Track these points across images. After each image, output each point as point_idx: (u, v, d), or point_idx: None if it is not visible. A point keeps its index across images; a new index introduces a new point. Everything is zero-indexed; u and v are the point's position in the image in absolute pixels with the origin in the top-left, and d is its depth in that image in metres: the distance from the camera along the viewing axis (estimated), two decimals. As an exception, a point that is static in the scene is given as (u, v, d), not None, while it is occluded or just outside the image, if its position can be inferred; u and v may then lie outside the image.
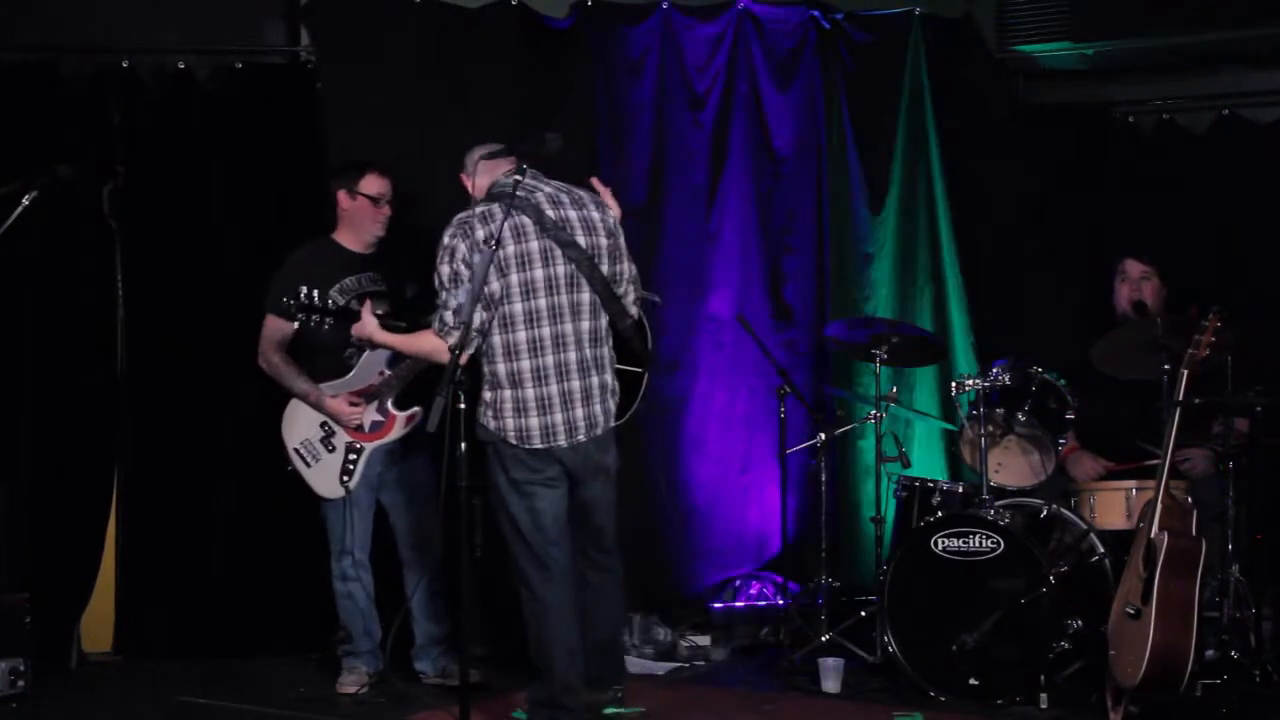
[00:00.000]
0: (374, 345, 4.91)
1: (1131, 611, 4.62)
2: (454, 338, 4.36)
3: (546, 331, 4.43)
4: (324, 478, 5.30)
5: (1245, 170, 6.64)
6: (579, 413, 4.47)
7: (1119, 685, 4.67)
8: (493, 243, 4.34)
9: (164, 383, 6.13)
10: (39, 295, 6.04)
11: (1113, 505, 5.37)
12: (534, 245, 4.44)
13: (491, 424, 4.44)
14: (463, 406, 4.11)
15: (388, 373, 5.28)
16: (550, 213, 4.46)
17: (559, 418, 4.44)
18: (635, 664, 5.83)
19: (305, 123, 6.16)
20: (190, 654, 5.98)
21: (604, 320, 4.55)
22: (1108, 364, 5.37)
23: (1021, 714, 5.01)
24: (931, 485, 5.72)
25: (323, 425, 5.31)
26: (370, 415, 5.29)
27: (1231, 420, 5.11)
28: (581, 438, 4.48)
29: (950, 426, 6.31)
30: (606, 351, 4.57)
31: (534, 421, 4.43)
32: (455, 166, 4.82)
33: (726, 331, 6.55)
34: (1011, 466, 5.65)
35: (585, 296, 4.49)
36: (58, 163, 4.85)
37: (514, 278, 4.41)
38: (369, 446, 5.30)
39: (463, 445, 4.09)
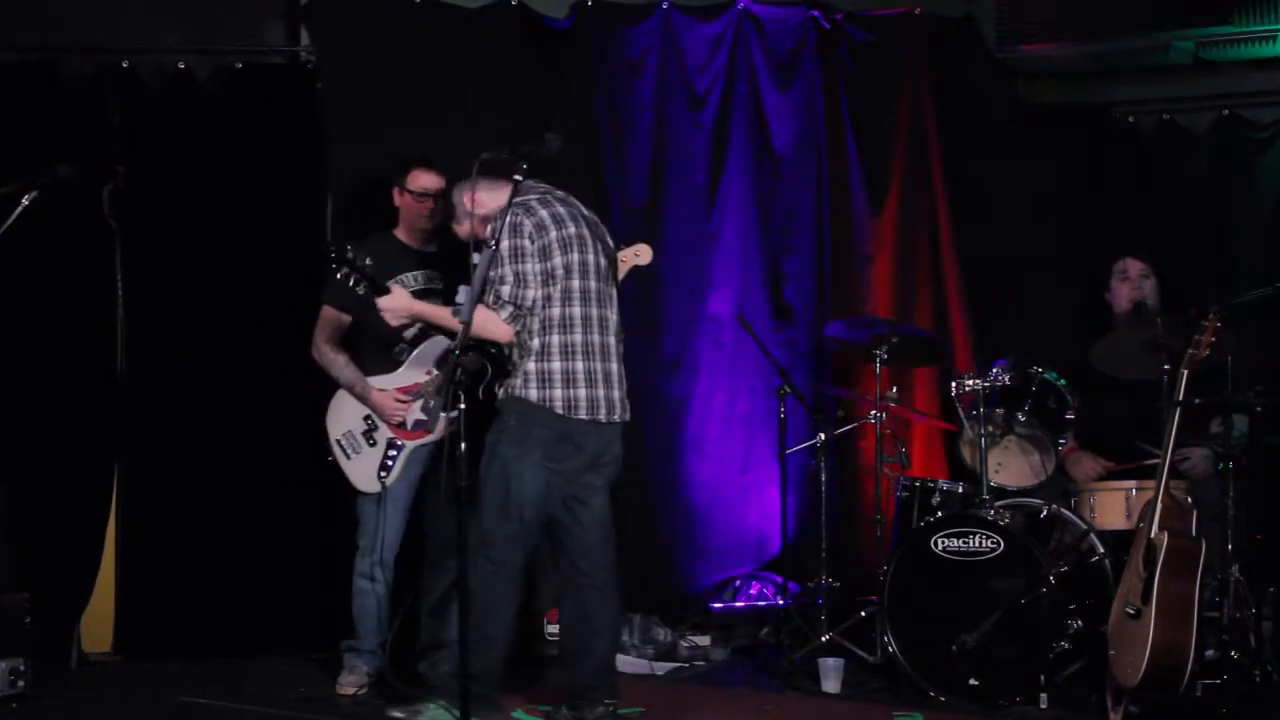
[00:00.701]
0: (409, 318, 4.90)
1: (1131, 611, 4.62)
2: (507, 312, 4.52)
3: (595, 312, 4.64)
4: (362, 471, 5.29)
5: (1245, 170, 6.64)
6: (616, 394, 4.67)
7: (1119, 685, 4.67)
8: (491, 243, 4.37)
9: (164, 383, 6.14)
10: (39, 295, 6.04)
11: (1113, 505, 5.37)
12: (586, 231, 4.68)
13: (535, 394, 4.53)
14: (463, 407, 4.10)
15: (435, 372, 5.25)
16: (586, 211, 4.75)
17: (601, 394, 4.61)
18: (635, 664, 5.83)
19: (305, 123, 6.17)
20: (190, 654, 5.98)
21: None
22: (1108, 364, 5.36)
23: (1021, 714, 5.01)
24: (931, 485, 5.72)
25: (366, 419, 5.30)
26: (414, 414, 5.27)
27: (1231, 420, 5.10)
28: (617, 418, 4.67)
29: (951, 426, 6.31)
30: (622, 347, 4.79)
31: (582, 393, 4.56)
32: (455, 167, 4.82)
33: (726, 331, 6.55)
34: (1011, 467, 5.65)
35: (614, 292, 4.77)
36: (58, 163, 4.85)
37: (575, 256, 4.61)
38: (410, 444, 5.28)
39: (462, 445, 4.08)
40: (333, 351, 5.33)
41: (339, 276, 4.98)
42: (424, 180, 5.39)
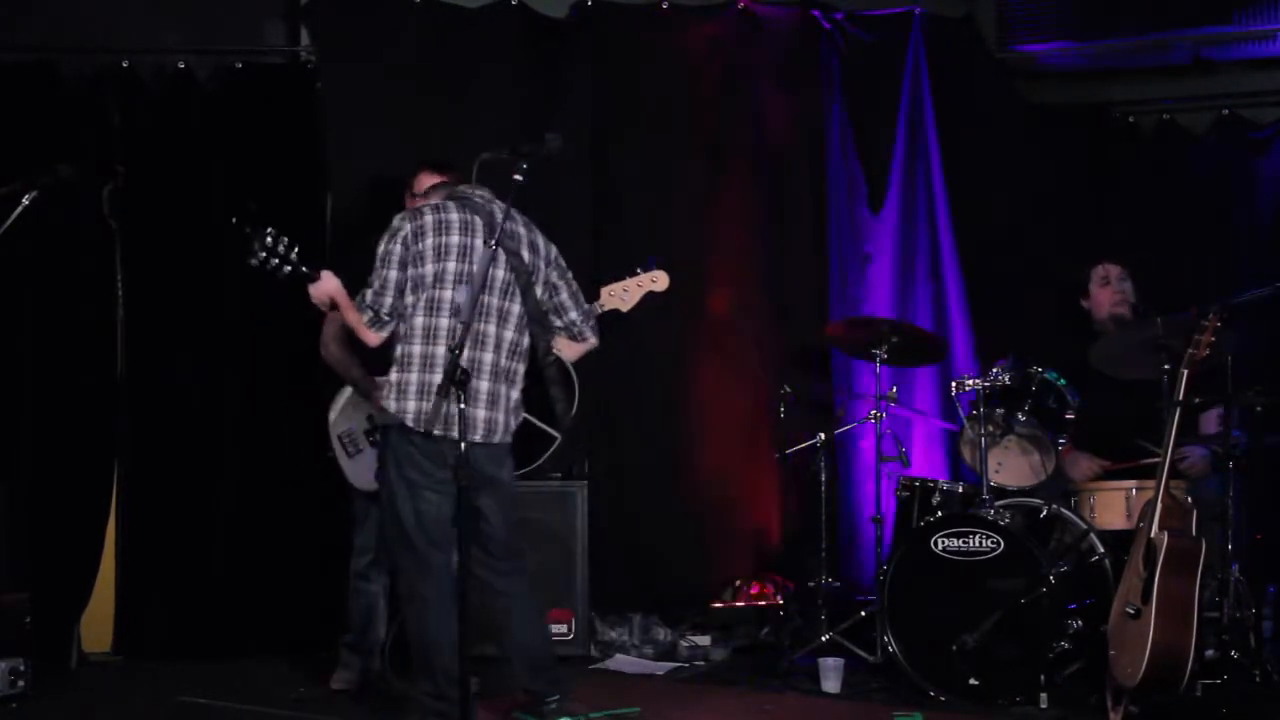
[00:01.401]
0: (333, 307, 4.68)
1: (1131, 611, 4.62)
2: (367, 316, 4.43)
3: (475, 326, 4.42)
4: (361, 470, 5.31)
5: (1245, 170, 6.64)
6: (480, 413, 4.44)
7: (1119, 685, 4.67)
8: (491, 242, 4.35)
9: (164, 383, 6.14)
10: (39, 295, 6.05)
11: (1113, 505, 5.36)
12: (479, 242, 4.46)
13: (393, 405, 4.39)
14: (462, 407, 4.10)
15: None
16: (501, 221, 4.43)
17: (482, 413, 4.44)
18: (635, 664, 5.83)
19: (305, 123, 6.17)
20: (190, 654, 5.98)
21: (526, 340, 4.55)
22: (1107, 364, 5.36)
23: (1021, 714, 5.00)
24: (931, 485, 5.72)
25: (369, 419, 5.31)
26: None
27: (1231, 420, 5.10)
28: (478, 438, 4.42)
29: (951, 426, 6.31)
30: (522, 369, 4.56)
31: (433, 407, 4.34)
32: (454, 166, 4.82)
33: (726, 331, 6.54)
34: (1011, 466, 5.65)
35: (515, 308, 4.51)
36: (58, 163, 4.85)
37: (451, 265, 4.42)
38: None
39: (463, 445, 4.08)
40: (341, 352, 5.30)
41: (267, 268, 4.62)
42: (428, 180, 5.38)
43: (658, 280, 5.17)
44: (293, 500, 6.00)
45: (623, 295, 5.16)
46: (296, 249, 4.63)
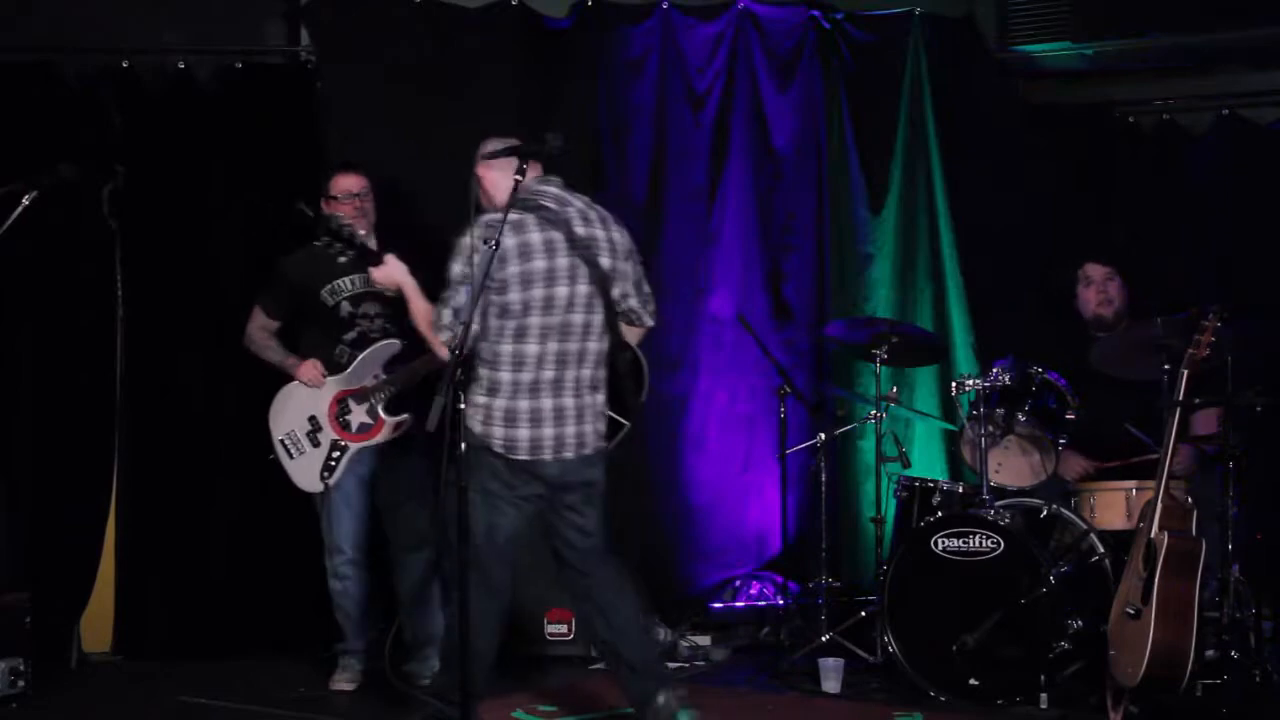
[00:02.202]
0: (394, 289, 4.68)
1: (1131, 612, 4.62)
2: (445, 335, 4.33)
3: (554, 347, 4.37)
4: (305, 471, 5.33)
5: (1245, 170, 6.65)
6: (569, 429, 4.41)
7: (1119, 685, 4.67)
8: (493, 245, 4.32)
9: (164, 382, 6.14)
10: (39, 295, 6.04)
11: (1113, 505, 5.37)
12: (562, 262, 4.36)
13: (479, 428, 4.36)
14: (463, 406, 4.10)
15: (383, 376, 5.30)
16: (580, 230, 4.39)
17: (548, 432, 4.38)
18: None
19: (305, 123, 6.17)
20: (190, 654, 5.98)
21: (607, 342, 4.49)
22: (1107, 364, 5.36)
23: (1021, 714, 5.01)
24: (932, 485, 5.72)
25: (310, 419, 5.33)
26: (359, 416, 5.31)
27: (1231, 420, 5.10)
28: (569, 455, 4.41)
29: (950, 426, 6.31)
30: (604, 373, 4.51)
31: (522, 433, 4.35)
32: (455, 166, 4.81)
33: (727, 331, 6.55)
34: (1011, 466, 5.65)
35: (597, 318, 4.43)
36: (58, 163, 4.85)
37: (537, 292, 4.33)
38: (354, 446, 5.31)
39: (463, 445, 4.08)
40: (263, 338, 5.45)
41: (330, 250, 4.80)
42: (345, 183, 5.42)
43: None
44: (293, 500, 5.99)
45: None
46: (361, 231, 4.68)
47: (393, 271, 4.61)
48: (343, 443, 5.30)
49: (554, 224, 4.37)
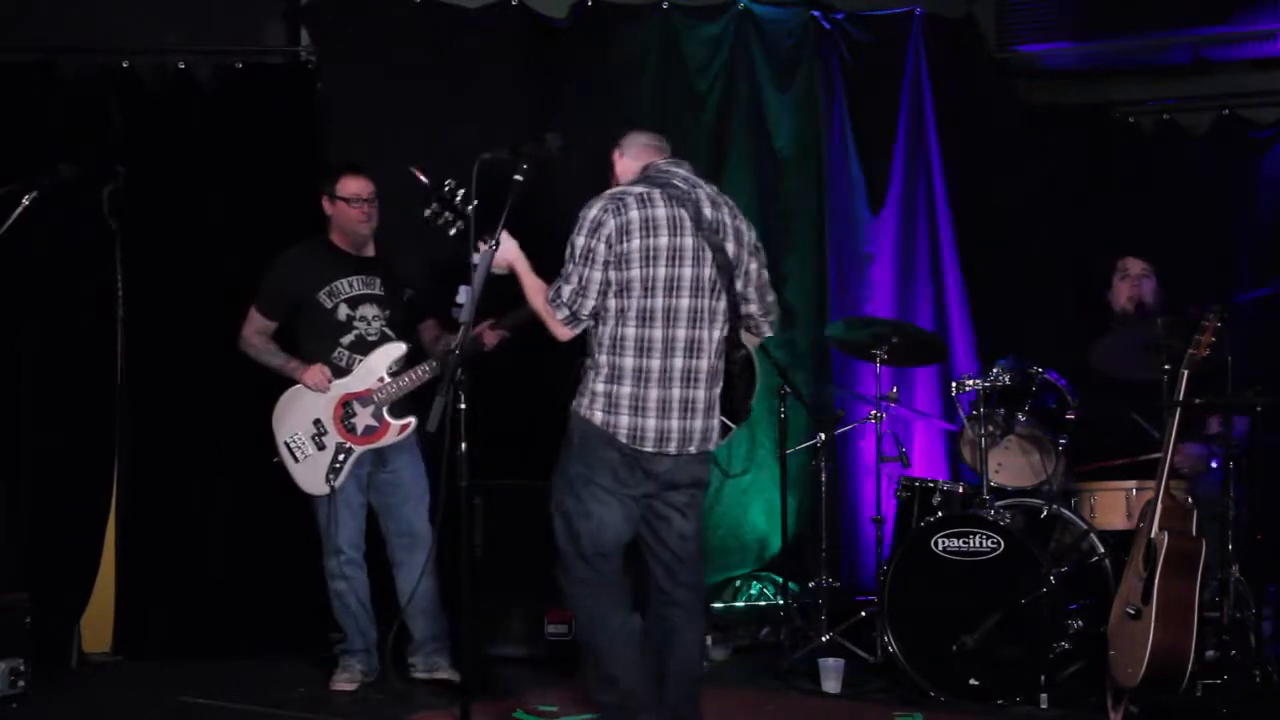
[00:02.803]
0: (505, 269, 4.39)
1: (1132, 612, 4.62)
2: (564, 313, 4.14)
3: (682, 334, 4.14)
4: (310, 474, 5.32)
5: (1245, 170, 6.65)
6: (698, 423, 4.19)
7: (1119, 685, 4.67)
8: (493, 243, 4.29)
9: (164, 382, 6.14)
10: (39, 295, 6.04)
11: (1113, 505, 5.37)
12: (689, 241, 4.12)
13: (599, 417, 4.12)
14: (463, 407, 4.10)
15: (387, 380, 5.30)
16: (708, 212, 4.18)
17: (674, 424, 4.15)
18: (635, 664, 5.82)
19: (305, 123, 6.17)
20: (190, 654, 5.97)
21: (724, 334, 4.25)
22: (1107, 364, 5.36)
23: (1021, 714, 5.01)
24: (932, 485, 5.72)
25: (315, 423, 5.32)
26: (365, 419, 5.30)
27: (1232, 420, 5.10)
28: (692, 449, 4.20)
29: (950, 426, 6.31)
30: (721, 365, 4.27)
31: (650, 423, 4.12)
32: (455, 167, 4.80)
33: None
34: (1012, 467, 5.65)
35: (722, 305, 4.20)
36: (58, 163, 4.85)
37: (661, 271, 4.10)
38: (359, 449, 5.31)
39: (463, 445, 4.08)
40: (261, 342, 5.41)
41: (440, 221, 4.58)
42: (354, 186, 5.40)
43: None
44: (293, 500, 5.99)
45: None
46: (472, 204, 4.40)
47: (506, 253, 4.32)
48: (348, 445, 5.30)
49: (682, 202, 4.15)
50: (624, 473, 4.15)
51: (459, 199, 4.52)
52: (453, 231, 4.60)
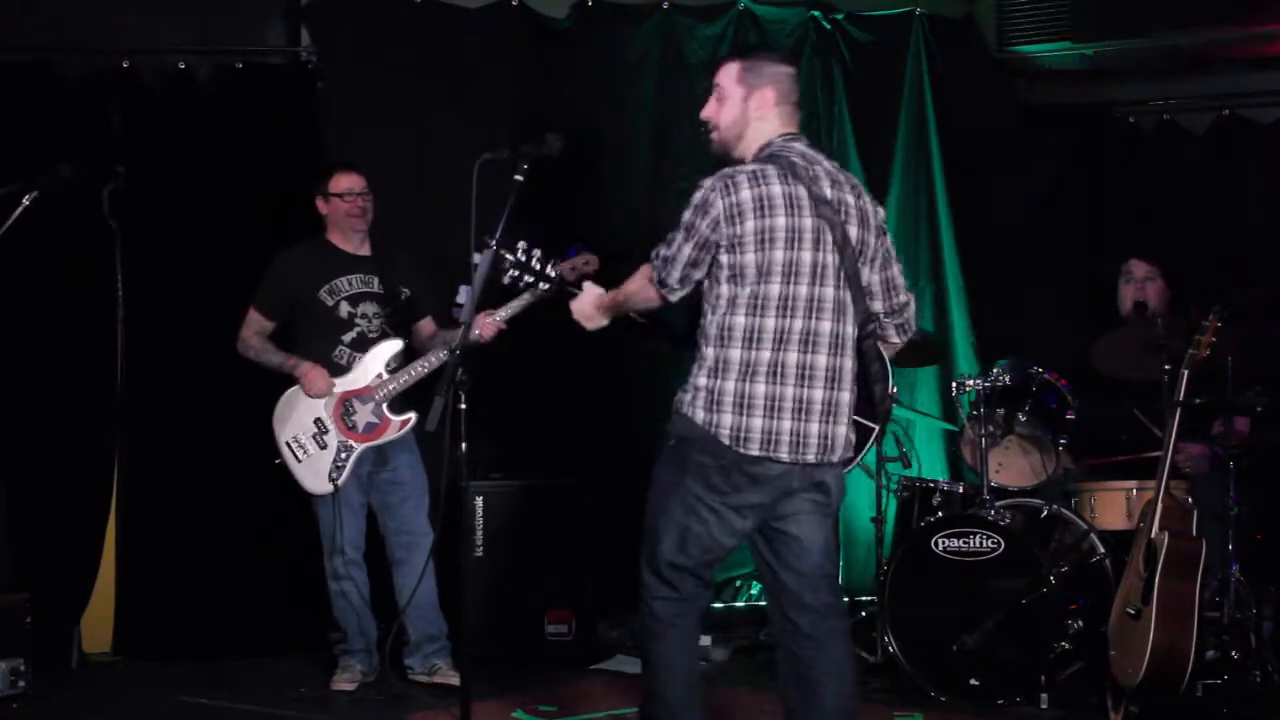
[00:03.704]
0: (604, 316, 4.11)
1: (1132, 612, 4.62)
2: (657, 278, 3.79)
3: (799, 324, 3.66)
4: (313, 473, 5.32)
5: (1245, 170, 6.65)
6: (814, 428, 3.67)
7: (1119, 686, 4.67)
8: (491, 243, 4.27)
9: (164, 382, 6.14)
10: (39, 295, 6.04)
11: (1113, 505, 5.37)
12: (808, 222, 3.67)
13: (701, 415, 3.67)
14: (463, 407, 4.10)
15: (385, 376, 5.30)
16: (829, 191, 3.72)
17: (787, 425, 3.65)
18: (635, 664, 5.81)
19: (305, 123, 6.17)
20: (190, 654, 5.97)
21: (855, 330, 3.77)
22: (1108, 364, 5.37)
23: (1022, 714, 5.01)
24: (932, 485, 5.72)
25: (316, 422, 5.32)
26: (365, 416, 5.30)
27: (1232, 420, 5.10)
28: (811, 458, 3.67)
29: (951, 426, 6.31)
30: (852, 364, 3.76)
31: (757, 423, 3.64)
32: (455, 166, 4.82)
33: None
34: (1012, 467, 5.65)
35: (848, 296, 3.72)
36: (59, 162, 4.85)
37: (779, 254, 3.64)
38: (360, 446, 5.31)
39: (463, 445, 4.08)
40: (259, 343, 5.40)
41: (507, 281, 4.41)
42: (346, 181, 5.41)
43: (590, 263, 5.13)
44: (293, 500, 5.99)
45: (584, 268, 5.14)
46: (551, 263, 4.30)
47: (586, 302, 4.09)
48: (350, 443, 5.30)
49: (799, 178, 3.70)
50: (721, 480, 3.68)
51: (534, 260, 4.38)
52: (542, 287, 4.38)
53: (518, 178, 4.27)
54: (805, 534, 3.74)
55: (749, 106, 3.87)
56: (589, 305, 4.07)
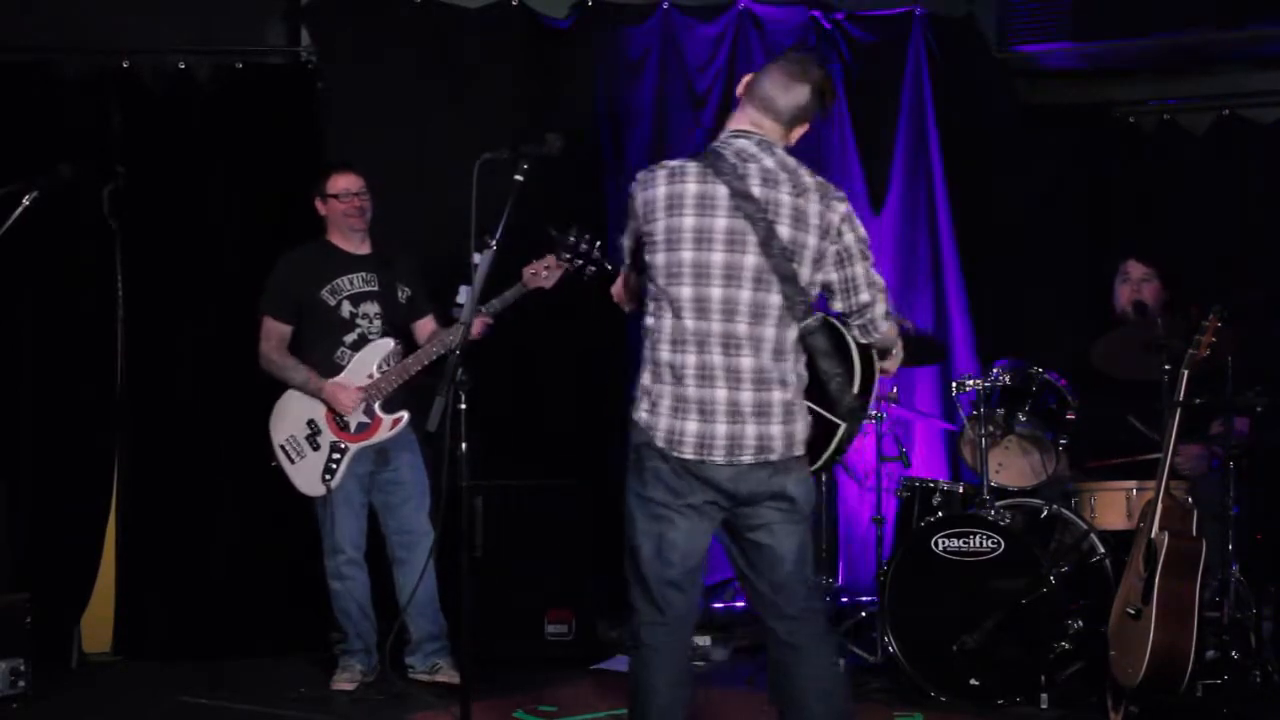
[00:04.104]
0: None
1: (1132, 612, 4.62)
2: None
3: (718, 328, 3.59)
4: (307, 475, 5.32)
5: (1245, 170, 6.65)
6: (749, 429, 3.59)
7: (1119, 686, 4.67)
8: (491, 243, 4.25)
9: (164, 382, 6.14)
10: (39, 295, 6.05)
11: (1113, 505, 5.37)
12: (721, 223, 3.59)
13: (644, 417, 3.63)
14: (463, 407, 4.10)
15: (377, 375, 5.30)
16: (758, 189, 3.61)
17: (721, 429, 3.58)
18: (635, 664, 5.82)
19: (305, 123, 6.17)
20: (190, 654, 5.97)
21: (793, 331, 3.65)
22: (1108, 364, 5.36)
23: (1022, 714, 5.01)
24: (932, 485, 5.72)
25: (309, 423, 5.32)
26: (357, 416, 5.31)
27: (1231, 420, 5.10)
28: (747, 459, 3.59)
29: (950, 426, 6.31)
30: (792, 365, 3.66)
31: (691, 426, 3.59)
32: (455, 166, 4.81)
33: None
34: (1012, 467, 5.65)
35: (774, 299, 3.61)
36: (59, 162, 4.85)
37: (686, 254, 3.58)
38: (353, 447, 5.31)
39: (463, 445, 4.08)
40: (281, 358, 5.38)
41: (576, 268, 4.67)
42: (344, 182, 5.41)
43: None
44: (293, 500, 5.99)
45: (544, 274, 5.14)
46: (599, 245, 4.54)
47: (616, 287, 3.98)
48: (342, 444, 5.30)
49: (721, 176, 3.62)
50: (674, 480, 3.62)
51: (584, 245, 4.59)
52: (587, 275, 4.66)
53: (518, 178, 4.27)
54: (777, 543, 3.67)
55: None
56: (616, 290, 4.01)
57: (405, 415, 5.31)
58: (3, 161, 5.66)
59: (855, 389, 3.82)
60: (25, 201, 4.68)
